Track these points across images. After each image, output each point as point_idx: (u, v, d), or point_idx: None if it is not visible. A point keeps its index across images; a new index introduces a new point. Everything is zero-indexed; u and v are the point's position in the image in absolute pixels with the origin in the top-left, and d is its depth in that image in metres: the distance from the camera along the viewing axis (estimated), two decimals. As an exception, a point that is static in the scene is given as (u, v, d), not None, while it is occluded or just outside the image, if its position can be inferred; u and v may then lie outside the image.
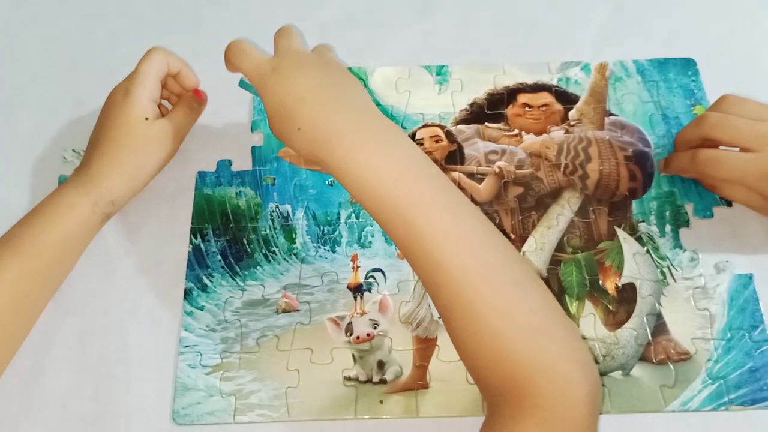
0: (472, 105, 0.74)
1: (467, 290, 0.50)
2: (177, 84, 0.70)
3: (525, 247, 0.66)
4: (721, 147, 0.64)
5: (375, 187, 0.53)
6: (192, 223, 0.68)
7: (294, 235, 0.68)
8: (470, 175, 0.70)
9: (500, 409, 0.49)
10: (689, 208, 0.67)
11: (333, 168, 0.55)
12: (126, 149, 0.64)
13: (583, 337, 0.62)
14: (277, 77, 0.58)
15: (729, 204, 0.67)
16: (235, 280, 0.65)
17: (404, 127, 0.73)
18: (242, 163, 0.71)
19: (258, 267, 0.66)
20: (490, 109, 0.74)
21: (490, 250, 0.52)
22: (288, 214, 0.69)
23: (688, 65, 0.75)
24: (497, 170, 0.70)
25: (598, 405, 0.50)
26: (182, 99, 0.70)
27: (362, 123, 0.56)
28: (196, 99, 0.71)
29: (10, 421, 0.60)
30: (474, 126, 0.73)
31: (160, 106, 0.69)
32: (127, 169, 0.65)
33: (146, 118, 0.65)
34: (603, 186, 0.69)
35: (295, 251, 0.67)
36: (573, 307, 0.63)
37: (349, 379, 0.61)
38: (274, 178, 0.70)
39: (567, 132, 0.72)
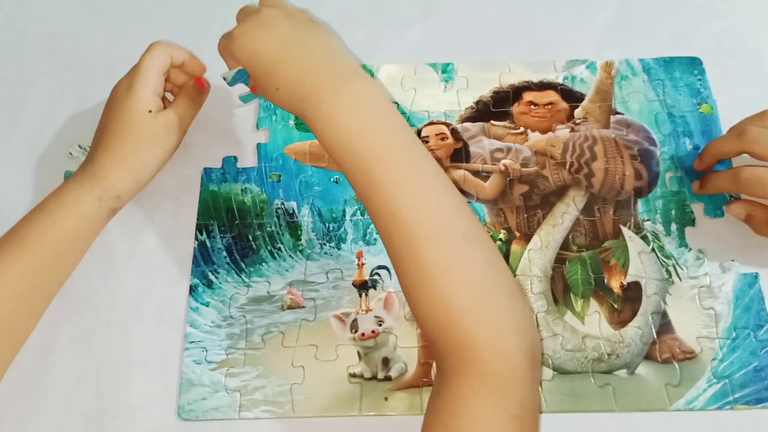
0: (477, 103, 0.74)
1: (416, 240, 0.52)
2: (180, 75, 0.70)
3: (530, 245, 0.66)
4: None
5: (342, 137, 0.55)
6: (197, 220, 0.68)
7: (299, 232, 0.68)
8: (476, 173, 0.70)
9: (445, 365, 0.50)
10: (699, 208, 0.67)
11: (309, 121, 0.57)
12: (130, 144, 0.64)
13: (587, 335, 0.62)
14: (247, 40, 0.60)
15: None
16: (240, 277, 0.65)
17: (411, 125, 0.73)
18: (248, 159, 0.71)
19: (263, 263, 0.66)
20: (496, 107, 0.74)
21: (443, 204, 0.54)
22: (293, 210, 0.69)
23: (694, 64, 0.75)
24: (502, 168, 0.70)
25: (537, 361, 0.51)
26: (183, 90, 0.70)
27: (334, 78, 0.57)
28: (198, 88, 0.70)
29: (14, 418, 0.60)
30: (479, 124, 0.73)
31: (163, 99, 0.68)
32: (131, 164, 0.65)
33: (150, 111, 0.65)
34: (608, 184, 0.69)
35: (300, 248, 0.67)
36: (578, 305, 0.63)
37: (353, 375, 0.61)
38: (280, 175, 0.70)
39: (572, 130, 0.72)
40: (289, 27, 0.60)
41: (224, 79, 0.63)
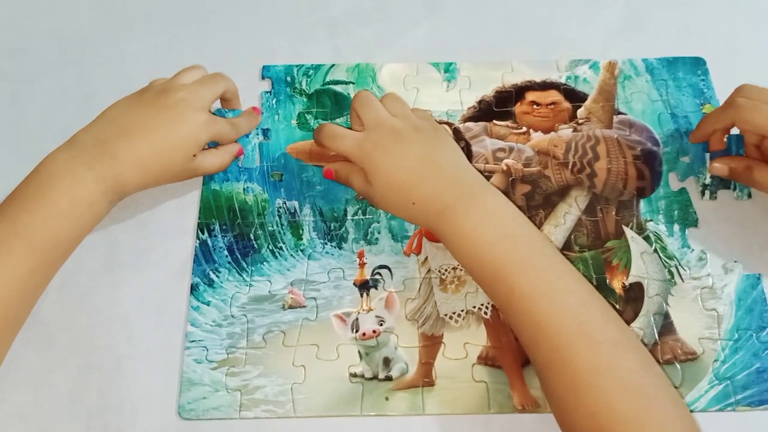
0: (480, 102, 0.74)
1: (567, 347, 0.52)
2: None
3: (532, 246, 0.66)
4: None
5: (478, 251, 0.57)
6: (199, 218, 0.68)
7: (301, 231, 0.68)
8: (478, 173, 0.70)
9: None
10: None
11: (441, 235, 0.59)
12: (160, 166, 0.62)
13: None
14: (382, 155, 0.61)
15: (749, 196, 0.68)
16: (241, 276, 0.65)
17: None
18: (250, 159, 0.71)
19: (265, 263, 0.66)
20: (498, 106, 0.74)
21: (590, 309, 0.54)
22: (295, 210, 0.69)
23: (697, 64, 0.75)
24: (505, 168, 0.70)
25: None
26: (225, 148, 0.68)
27: (466, 192, 0.59)
28: (234, 155, 0.69)
29: (16, 415, 0.60)
30: (482, 123, 0.73)
31: None
32: (150, 181, 0.63)
33: (194, 156, 0.64)
34: (611, 184, 0.69)
35: (301, 247, 0.67)
36: (580, 305, 0.63)
37: (354, 375, 0.61)
38: (282, 174, 0.70)
39: (575, 130, 0.72)
40: (419, 142, 0.62)
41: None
